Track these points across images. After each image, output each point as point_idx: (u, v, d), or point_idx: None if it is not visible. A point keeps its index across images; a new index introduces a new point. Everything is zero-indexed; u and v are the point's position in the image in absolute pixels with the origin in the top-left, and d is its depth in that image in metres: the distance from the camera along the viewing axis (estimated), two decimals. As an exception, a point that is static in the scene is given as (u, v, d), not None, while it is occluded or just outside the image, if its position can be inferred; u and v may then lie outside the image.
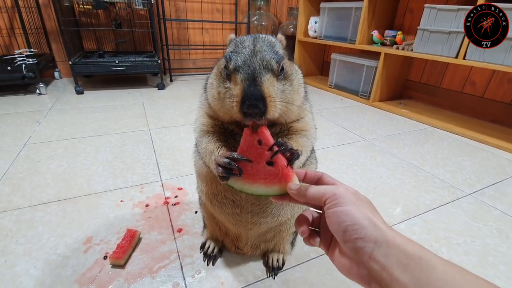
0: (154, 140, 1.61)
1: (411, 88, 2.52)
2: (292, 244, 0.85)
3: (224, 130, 0.64)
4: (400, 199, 1.16)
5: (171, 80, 2.98)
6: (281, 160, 0.51)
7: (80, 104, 2.16)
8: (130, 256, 0.85)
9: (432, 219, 1.05)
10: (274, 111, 0.48)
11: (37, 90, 2.28)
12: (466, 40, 1.71)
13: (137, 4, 2.50)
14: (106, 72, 2.45)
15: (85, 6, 2.63)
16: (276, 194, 0.51)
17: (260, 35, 0.55)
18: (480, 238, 0.97)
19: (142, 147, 1.53)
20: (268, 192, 0.52)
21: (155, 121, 1.89)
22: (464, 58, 1.75)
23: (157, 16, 2.85)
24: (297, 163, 0.56)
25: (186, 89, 2.71)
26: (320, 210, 0.49)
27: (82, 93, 2.39)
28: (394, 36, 2.41)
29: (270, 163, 0.51)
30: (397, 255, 0.33)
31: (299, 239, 0.88)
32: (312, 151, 0.72)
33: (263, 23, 3.27)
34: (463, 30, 1.72)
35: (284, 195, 0.50)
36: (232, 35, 0.59)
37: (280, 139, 0.53)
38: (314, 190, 0.44)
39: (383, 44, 2.45)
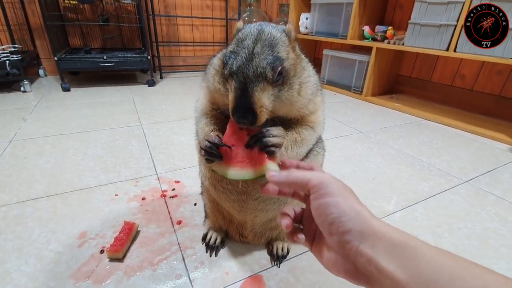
0: (146, 135, 1.57)
1: (402, 82, 2.56)
2: (297, 232, 0.83)
3: (221, 114, 0.62)
4: (399, 188, 1.16)
5: (161, 77, 2.92)
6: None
7: (67, 101, 2.08)
8: (128, 249, 0.81)
9: (432, 205, 1.06)
10: (263, 119, 0.49)
11: (22, 88, 2.18)
12: (457, 32, 1.75)
13: (125, -1, 2.43)
14: (93, 68, 2.37)
15: (71, 1, 2.55)
16: (251, 178, 0.52)
17: (265, 28, 0.51)
18: (479, 222, 0.98)
19: (135, 142, 1.48)
20: (244, 175, 0.52)
21: (146, 116, 1.84)
22: (455, 51, 1.78)
23: (146, 12, 2.79)
24: (279, 154, 0.54)
25: (178, 86, 2.66)
26: (305, 202, 0.46)
27: (68, 90, 2.31)
28: (385, 32, 2.44)
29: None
30: (384, 245, 0.31)
31: (303, 227, 0.86)
32: (320, 140, 0.71)
33: (254, 19, 3.25)
34: (454, 22, 1.76)
35: (265, 183, 0.47)
36: (240, 24, 0.56)
37: (265, 129, 0.52)
38: (297, 174, 0.40)
39: (374, 39, 2.47)
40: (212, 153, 0.54)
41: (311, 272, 0.76)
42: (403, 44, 2.14)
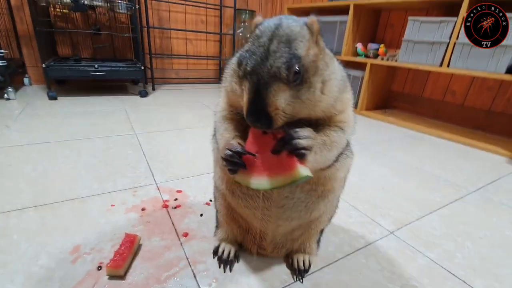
0: (142, 144, 1.48)
1: (395, 98, 2.62)
2: (318, 243, 0.77)
3: (242, 118, 0.57)
4: (410, 197, 1.13)
5: (153, 89, 2.85)
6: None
7: (54, 109, 1.96)
8: (130, 265, 0.72)
9: (447, 215, 1.03)
10: (282, 121, 0.46)
11: (5, 95, 2.05)
12: (450, 49, 1.81)
13: (120, 8, 2.40)
14: (83, 77, 2.28)
15: (62, 10, 2.48)
16: (280, 186, 0.48)
17: (284, 22, 0.47)
18: (498, 231, 0.95)
19: (130, 150, 1.39)
20: (273, 184, 0.48)
21: (140, 126, 1.76)
22: (448, 66, 1.84)
23: (140, 25, 2.75)
24: (310, 158, 0.50)
25: (171, 98, 2.59)
26: None
27: (55, 98, 2.19)
28: (377, 49, 2.51)
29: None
30: None
31: (323, 237, 0.80)
32: (348, 144, 0.66)
33: (248, 35, 3.29)
34: (447, 40, 1.83)
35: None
36: (259, 19, 0.52)
37: (293, 130, 0.48)
38: None
39: (367, 56, 2.53)
40: (235, 162, 0.50)
41: (338, 287, 0.69)
42: (396, 60, 2.20)
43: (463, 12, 1.73)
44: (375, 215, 1.00)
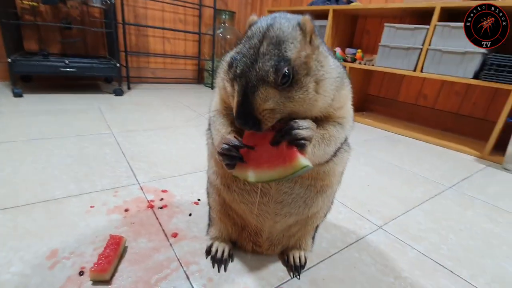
0: (120, 143, 1.40)
1: (371, 101, 2.72)
2: (313, 239, 0.76)
3: None
4: (395, 193, 1.17)
5: (129, 88, 2.73)
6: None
7: (20, 107, 1.81)
8: (116, 269, 0.67)
9: (429, 209, 1.07)
10: (272, 122, 0.46)
11: (-40, 90, 1.86)
12: (423, 55, 1.92)
13: (94, 2, 2.27)
14: (53, 73, 2.12)
15: (31, 2, 2.30)
16: (281, 177, 0.47)
17: (277, 22, 0.46)
18: (476, 224, 1.01)
19: (107, 150, 1.31)
20: (273, 176, 0.48)
21: (118, 125, 1.67)
22: (421, 71, 1.94)
23: (114, 21, 2.63)
24: (309, 151, 0.50)
25: (149, 97, 2.50)
26: None
27: (21, 95, 2.02)
28: (354, 54, 2.60)
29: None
30: None
31: (316, 234, 0.79)
32: (346, 138, 0.65)
33: (228, 36, 3.27)
34: (420, 46, 1.93)
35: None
36: (253, 18, 0.51)
37: (293, 121, 0.48)
38: None
39: (345, 60, 2.61)
40: (232, 156, 0.50)
41: (334, 282, 0.69)
42: (373, 64, 2.29)
43: (434, 20, 1.84)
44: (363, 211, 1.01)
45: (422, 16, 2.12)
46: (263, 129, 0.46)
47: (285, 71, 0.43)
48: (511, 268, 0.80)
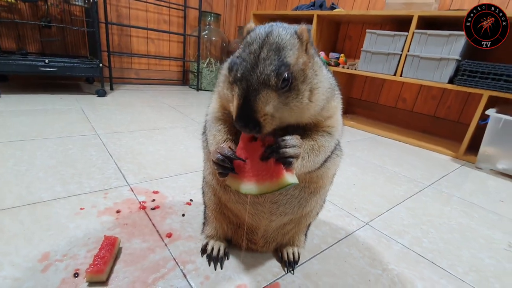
0: (106, 145, 1.37)
1: (354, 104, 2.81)
2: (306, 236, 0.79)
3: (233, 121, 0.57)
4: (379, 192, 1.22)
5: (111, 89, 2.67)
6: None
7: (-4, 107, 1.73)
8: (111, 270, 0.66)
9: (411, 206, 1.13)
10: (271, 127, 0.47)
11: None
12: (402, 60, 2.02)
13: (75, 0, 2.21)
14: (31, 72, 2.05)
15: (7, 0, 2.21)
16: (268, 192, 0.50)
17: (275, 30, 0.48)
18: (453, 219, 1.08)
19: (93, 151, 1.28)
20: (261, 189, 0.50)
21: (102, 126, 1.63)
22: (401, 75, 2.04)
23: (97, 20, 2.57)
24: (297, 165, 0.52)
25: (132, 98, 2.45)
26: None
27: (-4, 95, 1.93)
28: (338, 58, 2.68)
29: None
30: None
31: (309, 231, 0.82)
32: (338, 143, 0.67)
33: (213, 38, 3.28)
34: (399, 52, 2.03)
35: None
36: (251, 26, 0.53)
37: (280, 139, 0.50)
38: None
39: (328, 64, 2.69)
40: (225, 167, 0.52)
41: (327, 276, 0.72)
42: (355, 69, 2.37)
43: (412, 27, 1.94)
44: (350, 209, 1.06)
45: (401, 24, 2.22)
46: (263, 132, 0.46)
47: (285, 76, 0.45)
48: (486, 258, 0.87)
